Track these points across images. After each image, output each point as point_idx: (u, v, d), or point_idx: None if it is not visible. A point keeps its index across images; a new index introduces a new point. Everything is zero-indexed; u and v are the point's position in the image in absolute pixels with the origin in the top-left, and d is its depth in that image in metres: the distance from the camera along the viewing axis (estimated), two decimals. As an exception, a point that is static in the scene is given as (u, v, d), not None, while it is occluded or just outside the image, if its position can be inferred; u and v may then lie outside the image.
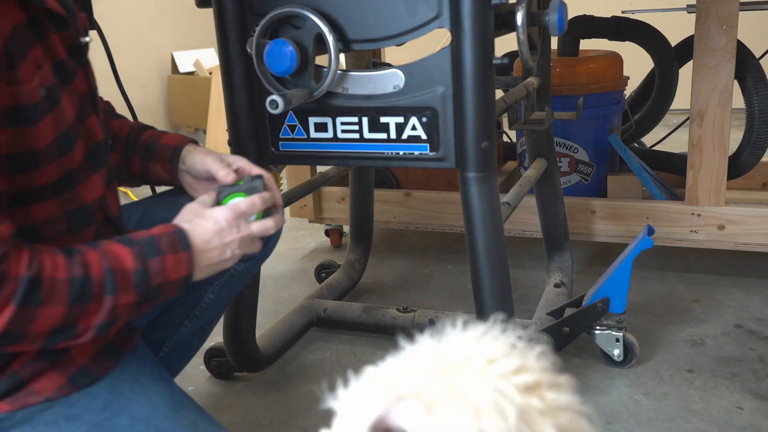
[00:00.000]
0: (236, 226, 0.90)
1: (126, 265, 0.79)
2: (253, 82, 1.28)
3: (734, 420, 1.38)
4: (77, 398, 0.86)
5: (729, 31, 1.76)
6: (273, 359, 1.64)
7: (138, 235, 0.83)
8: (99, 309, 0.77)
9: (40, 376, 0.83)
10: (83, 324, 0.77)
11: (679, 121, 2.46)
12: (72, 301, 0.75)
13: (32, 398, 0.83)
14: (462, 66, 1.15)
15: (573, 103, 2.01)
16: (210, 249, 0.87)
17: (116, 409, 0.87)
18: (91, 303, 0.76)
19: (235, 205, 0.91)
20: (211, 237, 0.87)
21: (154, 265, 0.81)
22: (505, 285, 1.27)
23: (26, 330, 0.73)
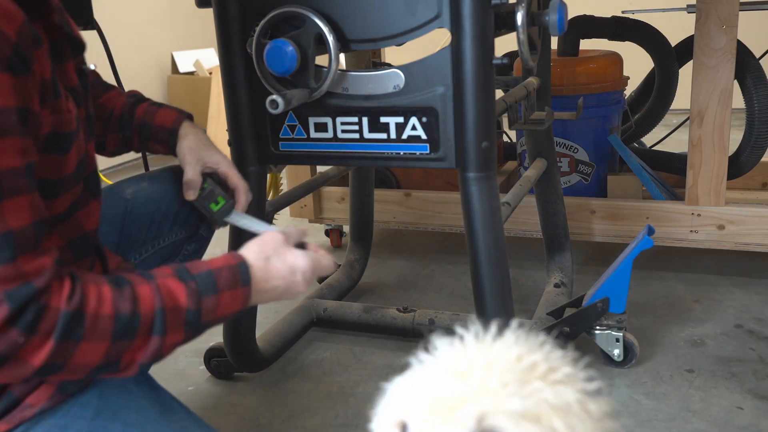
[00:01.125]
0: (309, 280, 0.87)
1: (179, 303, 0.76)
2: (253, 82, 1.28)
3: (734, 420, 1.38)
4: (68, 408, 0.85)
5: (729, 31, 1.76)
6: (273, 359, 1.64)
7: (196, 268, 0.80)
8: (145, 346, 0.75)
9: (33, 391, 0.84)
10: (127, 359, 0.75)
11: (679, 121, 2.46)
12: (116, 338, 0.72)
13: (27, 412, 0.83)
14: (462, 66, 1.15)
15: (573, 103, 2.01)
16: (269, 290, 0.85)
17: (108, 415, 0.86)
18: (136, 339, 0.74)
19: (317, 260, 0.88)
20: (278, 282, 0.85)
21: (209, 303, 0.78)
22: (505, 285, 1.27)
23: (66, 363, 0.72)
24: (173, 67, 4.10)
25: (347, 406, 1.48)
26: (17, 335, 0.67)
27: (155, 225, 1.20)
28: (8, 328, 0.66)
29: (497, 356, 0.50)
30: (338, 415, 1.46)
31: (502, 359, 0.49)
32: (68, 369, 0.72)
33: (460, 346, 0.52)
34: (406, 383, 0.52)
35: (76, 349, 0.71)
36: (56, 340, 0.69)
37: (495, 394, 0.47)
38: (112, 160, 3.55)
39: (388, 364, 1.63)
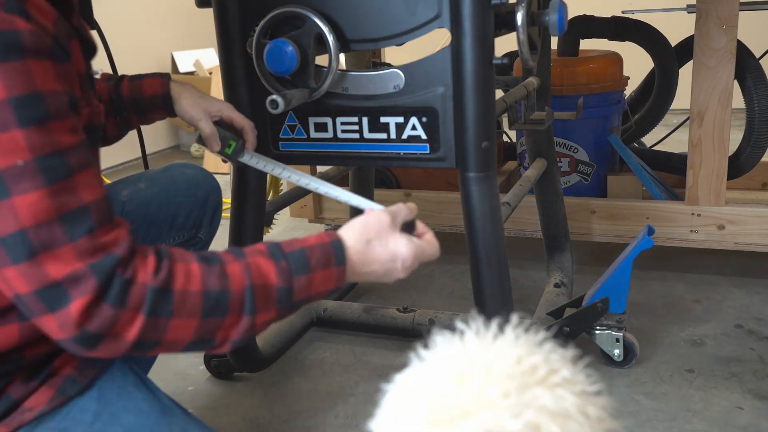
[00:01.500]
0: (410, 269, 0.84)
1: (269, 282, 0.75)
2: (253, 82, 1.28)
3: (734, 420, 1.38)
4: (68, 411, 0.85)
5: (729, 31, 1.76)
6: (273, 359, 1.64)
7: (290, 246, 0.79)
8: (236, 324, 0.75)
9: (32, 394, 0.83)
10: (221, 336, 0.75)
11: (679, 121, 2.46)
12: (206, 315, 0.72)
13: (26, 415, 0.83)
14: (462, 66, 1.15)
15: (573, 103, 2.01)
16: (366, 273, 0.82)
17: (107, 419, 0.86)
18: (227, 317, 0.73)
19: (422, 249, 0.85)
20: (376, 267, 0.82)
21: (301, 282, 0.77)
22: (505, 285, 1.27)
23: (161, 339, 0.72)
24: (173, 67, 4.09)
25: (347, 406, 1.48)
26: (109, 310, 0.67)
27: (153, 228, 1.19)
28: (100, 303, 0.67)
29: (497, 358, 0.50)
30: (338, 415, 1.46)
31: (502, 362, 0.49)
32: (164, 345, 0.72)
33: (460, 344, 0.52)
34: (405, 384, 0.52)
35: (167, 325, 0.71)
36: (146, 315, 0.69)
37: (495, 405, 0.47)
38: (111, 160, 3.55)
39: (388, 364, 1.63)
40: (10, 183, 0.61)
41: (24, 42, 0.63)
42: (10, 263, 0.63)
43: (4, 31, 0.62)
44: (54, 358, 0.87)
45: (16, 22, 0.63)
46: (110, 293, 0.67)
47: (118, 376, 0.92)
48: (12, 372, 0.82)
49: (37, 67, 0.64)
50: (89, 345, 0.68)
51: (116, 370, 0.92)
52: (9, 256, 0.63)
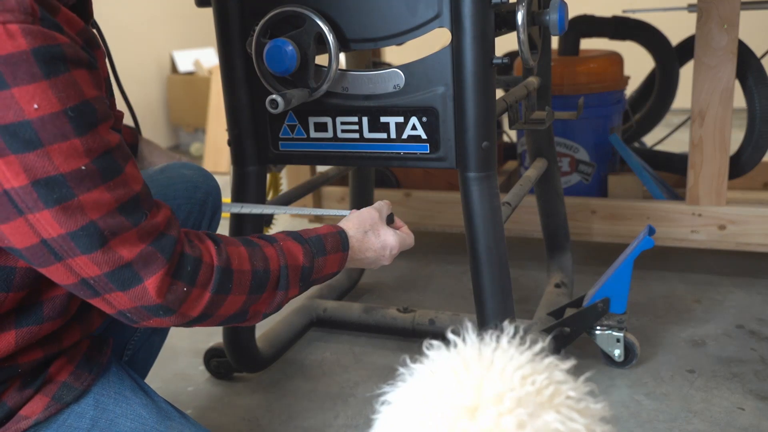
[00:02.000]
0: (394, 256, 1.00)
1: (298, 262, 0.88)
2: (252, 82, 1.27)
3: (735, 421, 1.38)
4: (64, 419, 0.85)
5: (730, 31, 1.75)
6: (273, 359, 1.64)
7: (306, 233, 0.92)
8: (270, 299, 0.86)
9: (27, 402, 0.83)
10: (254, 310, 0.85)
11: (680, 121, 2.46)
12: (251, 292, 0.82)
13: (22, 424, 0.82)
14: (462, 66, 1.15)
15: (573, 103, 2.01)
16: (361, 259, 0.97)
17: (104, 425, 0.86)
18: (265, 293, 0.84)
19: (404, 239, 1.02)
20: (370, 254, 0.97)
21: (319, 263, 0.90)
22: (506, 285, 1.27)
23: (213, 314, 0.80)
24: (173, 67, 4.10)
25: (347, 406, 1.48)
26: (182, 286, 0.75)
27: None
28: (174, 281, 0.75)
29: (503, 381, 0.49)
30: (338, 415, 1.45)
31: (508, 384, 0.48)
32: (212, 319, 0.81)
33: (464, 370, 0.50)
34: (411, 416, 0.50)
35: (224, 301, 0.80)
36: (212, 293, 0.78)
37: None
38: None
39: (388, 364, 1.63)
40: (75, 185, 0.67)
41: (67, 54, 0.67)
42: (80, 254, 0.70)
43: (49, 45, 0.65)
44: (49, 365, 0.86)
45: (56, 36, 0.66)
46: (183, 272, 0.76)
47: (115, 382, 0.91)
48: (6, 380, 0.82)
49: (80, 76, 0.68)
50: (165, 313, 0.76)
51: (113, 376, 0.92)
52: (79, 247, 0.69)
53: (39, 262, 0.71)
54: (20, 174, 0.65)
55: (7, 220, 0.68)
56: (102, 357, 0.93)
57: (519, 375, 0.49)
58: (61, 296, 0.84)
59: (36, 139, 0.65)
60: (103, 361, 0.92)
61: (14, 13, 0.64)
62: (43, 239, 0.69)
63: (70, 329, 0.88)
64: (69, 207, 0.67)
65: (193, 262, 0.77)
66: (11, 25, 0.63)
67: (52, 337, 0.85)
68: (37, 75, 0.64)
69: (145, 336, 1.16)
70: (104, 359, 0.93)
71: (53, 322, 0.83)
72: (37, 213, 0.67)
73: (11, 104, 0.64)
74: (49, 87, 0.65)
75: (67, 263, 0.70)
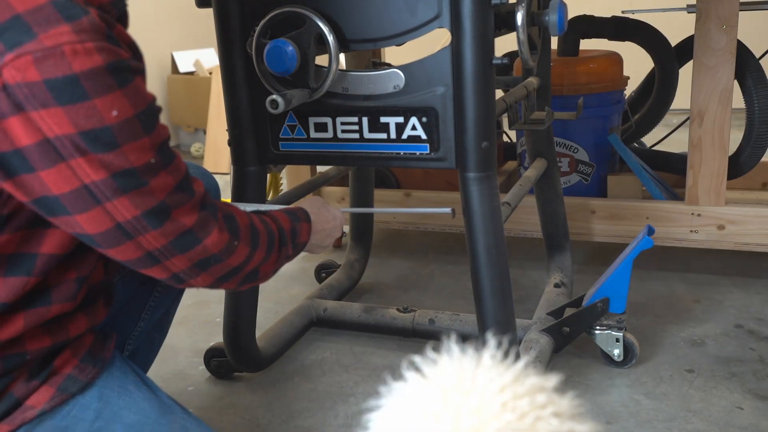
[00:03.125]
0: (342, 227, 1.19)
1: (287, 225, 1.03)
2: (253, 82, 1.28)
3: (734, 420, 1.38)
4: (69, 409, 0.87)
5: (729, 31, 1.76)
6: (273, 359, 1.64)
7: (276, 211, 1.07)
8: (277, 257, 0.99)
9: (33, 393, 0.86)
10: (264, 270, 0.97)
11: (679, 121, 2.46)
12: (268, 249, 0.96)
13: (29, 413, 0.85)
14: (462, 66, 1.15)
15: (573, 103, 2.01)
16: (321, 230, 1.13)
17: (108, 417, 0.88)
18: (273, 250, 0.98)
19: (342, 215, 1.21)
20: (327, 225, 1.14)
21: (298, 227, 1.06)
22: (505, 285, 1.27)
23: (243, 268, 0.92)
24: (173, 67, 4.10)
25: (347, 406, 1.48)
26: (233, 240, 0.89)
27: None
28: (226, 236, 0.88)
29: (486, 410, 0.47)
30: (338, 415, 1.46)
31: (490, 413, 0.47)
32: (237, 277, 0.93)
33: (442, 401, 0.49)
34: None
35: (254, 255, 0.93)
36: (250, 247, 0.92)
37: None
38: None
39: (388, 364, 1.63)
40: (146, 174, 0.78)
41: (131, 66, 0.76)
42: (151, 229, 0.80)
43: (118, 60, 0.74)
44: (54, 357, 0.88)
45: (120, 51, 0.75)
46: (230, 228, 0.89)
47: (119, 376, 0.93)
48: (14, 369, 0.84)
49: (140, 83, 0.78)
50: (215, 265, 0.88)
51: (116, 370, 0.94)
52: (150, 224, 0.80)
53: (110, 244, 0.80)
54: (100, 170, 0.74)
55: (85, 211, 0.76)
56: (105, 352, 0.95)
57: (499, 401, 0.48)
58: (71, 281, 0.87)
59: (114, 141, 0.74)
60: (106, 355, 0.94)
61: (88, 33, 0.71)
62: (118, 223, 0.78)
63: (76, 319, 0.91)
64: (142, 192, 0.78)
65: (233, 220, 0.90)
66: (88, 44, 0.71)
67: (59, 325, 0.88)
68: (113, 86, 0.73)
69: (146, 332, 1.18)
70: (108, 354, 0.95)
71: (62, 305, 0.87)
72: (114, 200, 0.76)
73: (93, 113, 0.72)
74: (123, 95, 0.74)
75: (137, 240, 0.80)
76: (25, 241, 0.81)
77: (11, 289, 0.81)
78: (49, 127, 0.71)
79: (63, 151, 0.72)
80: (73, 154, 0.72)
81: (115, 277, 1.06)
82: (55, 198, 0.74)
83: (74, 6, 0.72)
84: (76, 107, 0.71)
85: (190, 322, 1.90)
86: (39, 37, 0.69)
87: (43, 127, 0.71)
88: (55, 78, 0.69)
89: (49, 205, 0.75)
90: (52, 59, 0.69)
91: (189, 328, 1.87)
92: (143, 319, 1.17)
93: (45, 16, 0.70)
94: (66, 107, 0.70)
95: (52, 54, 0.69)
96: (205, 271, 0.88)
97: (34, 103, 0.70)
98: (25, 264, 0.82)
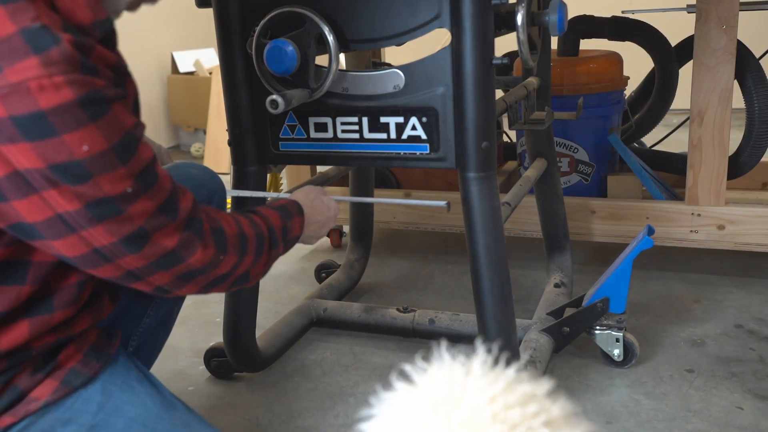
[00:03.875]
0: (336, 217, 1.20)
1: (278, 224, 1.03)
2: (253, 82, 1.28)
3: (734, 420, 1.38)
4: (72, 402, 0.88)
5: (729, 31, 1.76)
6: (273, 359, 1.64)
7: (272, 204, 1.08)
8: (267, 259, 0.99)
9: (37, 385, 0.87)
10: (254, 272, 0.97)
11: (679, 121, 2.46)
12: (256, 253, 0.96)
13: (32, 405, 0.86)
14: (462, 66, 1.15)
15: (573, 103, 2.01)
16: (314, 222, 1.13)
17: (110, 410, 0.89)
18: (263, 254, 0.98)
19: (336, 204, 1.22)
20: (320, 216, 1.15)
21: (289, 224, 1.06)
22: (505, 285, 1.27)
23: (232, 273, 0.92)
24: (173, 67, 4.10)
25: (347, 406, 1.48)
26: (219, 255, 0.88)
27: None
28: (210, 252, 0.87)
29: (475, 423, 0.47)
30: (338, 415, 1.46)
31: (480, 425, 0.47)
32: (227, 282, 0.93)
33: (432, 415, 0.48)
34: None
35: (242, 262, 0.93)
36: (237, 256, 0.92)
37: None
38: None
39: (388, 364, 1.63)
40: (122, 203, 0.76)
41: (106, 96, 0.73)
42: (129, 254, 0.79)
43: (91, 92, 0.71)
44: (59, 352, 0.89)
45: (96, 81, 0.71)
46: (214, 243, 0.87)
47: (122, 372, 0.94)
48: (20, 364, 0.85)
49: (118, 110, 0.74)
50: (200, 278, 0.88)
51: (120, 366, 0.95)
52: (128, 249, 0.78)
53: (89, 266, 0.79)
54: (73, 200, 0.73)
55: (60, 237, 0.75)
56: (110, 347, 0.96)
57: (490, 412, 0.48)
58: (72, 286, 0.88)
59: (86, 174, 0.72)
60: (110, 351, 0.95)
61: (58, 65, 0.68)
62: (95, 248, 0.77)
63: (80, 317, 0.92)
64: (119, 220, 0.76)
65: (221, 233, 0.89)
66: (57, 78, 0.68)
67: (63, 324, 0.89)
68: (83, 120, 0.70)
69: (149, 330, 1.18)
70: (112, 349, 0.96)
71: (64, 311, 0.87)
72: (90, 229, 0.75)
73: (62, 149, 0.70)
74: (96, 128, 0.71)
75: (116, 263, 0.79)
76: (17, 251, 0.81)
77: (6, 298, 0.81)
78: (19, 161, 0.69)
79: (34, 183, 0.71)
80: (44, 186, 0.71)
81: None
82: (30, 225, 0.74)
83: (45, 35, 0.68)
84: (44, 143, 0.69)
85: (190, 322, 1.91)
86: (4, 71, 0.67)
87: (13, 160, 0.69)
88: (21, 115, 0.67)
89: (25, 231, 0.75)
90: (17, 95, 0.67)
91: (189, 328, 1.87)
92: (148, 316, 1.17)
93: (12, 48, 0.67)
94: (34, 143, 0.69)
95: (17, 90, 0.67)
96: (191, 282, 0.88)
97: (1, 137, 0.68)
98: (18, 273, 0.82)
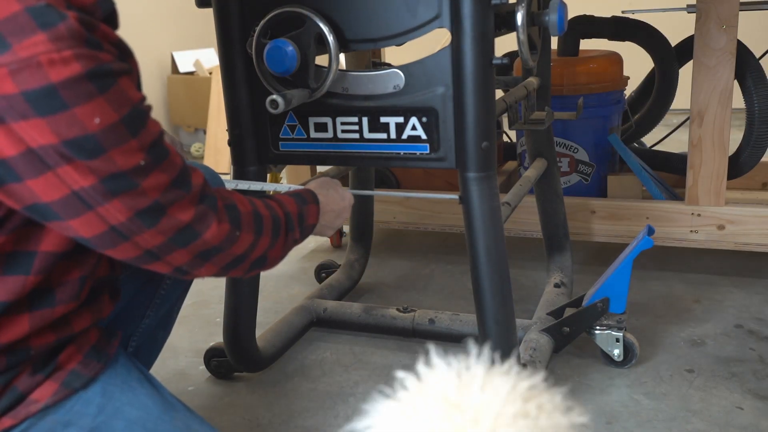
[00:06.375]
0: (350, 207, 1.20)
1: (294, 209, 1.03)
2: (253, 82, 1.28)
3: (734, 420, 1.38)
4: (72, 404, 0.88)
5: (729, 31, 1.76)
6: (273, 359, 1.64)
7: (288, 193, 1.09)
8: (284, 242, 0.99)
9: (37, 387, 0.86)
10: (272, 255, 0.97)
11: (679, 121, 2.46)
12: (273, 235, 0.96)
13: (32, 407, 0.86)
14: (462, 66, 1.15)
15: (573, 103, 2.01)
16: (330, 211, 1.13)
17: (111, 412, 0.89)
18: (280, 236, 0.98)
19: (351, 195, 1.21)
20: (335, 206, 1.15)
21: (305, 210, 1.06)
22: (505, 285, 1.27)
23: (249, 255, 0.92)
24: (173, 67, 4.10)
25: (347, 406, 1.48)
26: (234, 231, 0.89)
27: None
28: (226, 227, 0.87)
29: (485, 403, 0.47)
30: (338, 415, 1.46)
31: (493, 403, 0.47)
32: (244, 263, 0.93)
33: None
34: None
35: (258, 242, 0.93)
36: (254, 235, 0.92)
37: None
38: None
39: (388, 364, 1.63)
40: (136, 176, 0.77)
41: (113, 68, 0.74)
42: (146, 229, 0.79)
43: (98, 65, 0.72)
44: (59, 352, 0.89)
45: (100, 55, 0.73)
46: (230, 219, 0.88)
47: (122, 373, 0.94)
48: (19, 364, 0.85)
49: (125, 84, 0.76)
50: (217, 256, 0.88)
51: (120, 367, 0.95)
52: (145, 224, 0.79)
53: (107, 246, 0.80)
54: (88, 176, 0.73)
55: (77, 216, 0.76)
56: (110, 348, 0.95)
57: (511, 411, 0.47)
58: (74, 281, 0.87)
59: (99, 147, 0.73)
60: (111, 351, 0.95)
61: (66, 40, 0.70)
62: (112, 226, 0.77)
63: (80, 315, 0.91)
64: (134, 194, 0.77)
65: (234, 209, 0.90)
66: (65, 52, 0.69)
67: (63, 322, 0.89)
68: (93, 93, 0.72)
69: (149, 330, 1.18)
70: (112, 350, 0.96)
71: (65, 306, 0.87)
72: (106, 204, 0.76)
73: (74, 123, 0.71)
74: (105, 101, 0.73)
75: (134, 240, 0.80)
76: (23, 239, 0.81)
77: (10, 288, 0.81)
78: (32, 138, 0.70)
79: (49, 160, 0.71)
80: (59, 162, 0.72)
81: (122, 273, 1.06)
82: (45, 205, 0.74)
83: (50, 12, 0.70)
84: (56, 117, 0.70)
85: (190, 322, 1.91)
86: (13, 48, 0.68)
87: (26, 137, 0.70)
88: (32, 89, 0.68)
89: (40, 212, 0.75)
90: (27, 71, 0.68)
91: (189, 328, 1.87)
92: (148, 316, 1.17)
93: (19, 25, 0.68)
94: (47, 118, 0.70)
95: (28, 65, 0.68)
96: (209, 261, 0.88)
97: (13, 114, 0.69)
98: (24, 262, 0.82)
